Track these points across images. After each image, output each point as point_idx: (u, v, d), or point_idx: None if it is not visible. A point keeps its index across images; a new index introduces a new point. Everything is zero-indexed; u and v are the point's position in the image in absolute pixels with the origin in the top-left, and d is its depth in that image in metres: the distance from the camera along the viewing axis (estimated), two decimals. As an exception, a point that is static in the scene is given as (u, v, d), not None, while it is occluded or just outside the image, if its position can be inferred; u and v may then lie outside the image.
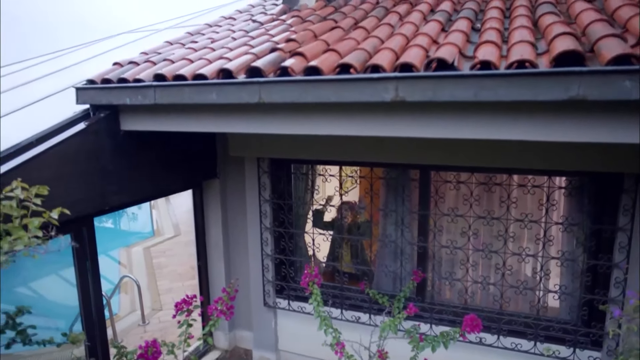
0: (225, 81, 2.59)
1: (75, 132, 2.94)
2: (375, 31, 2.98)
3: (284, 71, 2.52)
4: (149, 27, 7.02)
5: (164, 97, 2.82)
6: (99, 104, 3.12)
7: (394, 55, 2.45)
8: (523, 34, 2.38)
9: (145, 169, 3.52)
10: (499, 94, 2.01)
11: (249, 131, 2.75)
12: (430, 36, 2.67)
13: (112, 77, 3.13)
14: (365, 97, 2.25)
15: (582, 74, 1.88)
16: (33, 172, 2.66)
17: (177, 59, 3.20)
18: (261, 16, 4.37)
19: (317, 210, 4.37)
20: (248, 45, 3.20)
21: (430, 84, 2.12)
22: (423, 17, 3.27)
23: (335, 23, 3.44)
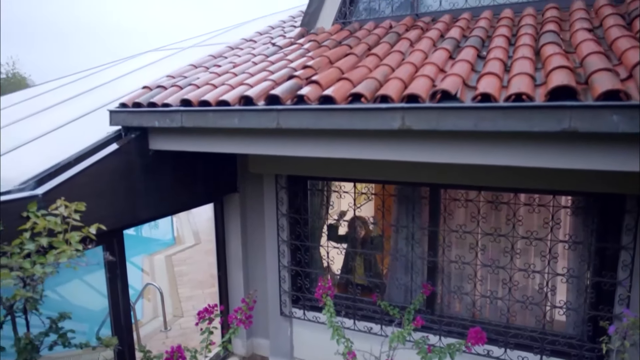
0: (246, 108, 2.82)
1: (109, 153, 3.21)
2: (387, 59, 3.18)
3: (300, 99, 2.73)
4: (174, 44, 7.36)
5: (190, 121, 3.06)
6: (130, 125, 3.39)
7: (402, 85, 2.64)
8: (523, 66, 2.54)
9: (171, 184, 3.77)
10: (497, 124, 2.18)
11: (268, 153, 2.97)
12: (437, 65, 2.85)
13: (142, 100, 3.40)
14: (374, 125, 2.45)
15: (573, 108, 2.04)
16: (72, 189, 2.92)
17: (201, 84, 3.45)
18: (280, 39, 4.61)
19: (331, 224, 4.55)
20: (267, 71, 3.43)
21: (434, 114, 2.30)
22: (432, 43, 3.46)
23: (350, 49, 3.66)
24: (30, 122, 4.48)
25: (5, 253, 2.34)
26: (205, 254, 8.92)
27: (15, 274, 2.19)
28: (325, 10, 4.64)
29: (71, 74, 6.85)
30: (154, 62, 6.26)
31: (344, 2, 4.53)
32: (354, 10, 4.56)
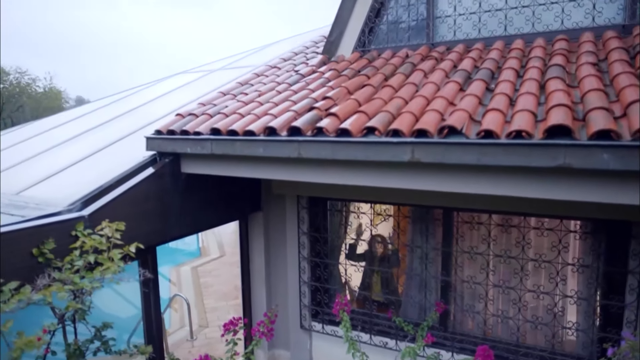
0: (270, 138, 3.10)
1: (146, 177, 3.53)
2: (401, 90, 3.42)
3: (319, 130, 2.99)
4: (203, 66, 7.77)
5: (219, 148, 3.36)
6: (164, 151, 3.71)
7: (414, 119, 2.86)
8: (527, 102, 2.74)
9: (201, 203, 4.07)
10: (498, 159, 2.39)
11: (289, 179, 3.24)
12: (447, 99, 3.07)
13: (176, 128, 3.72)
14: (386, 157, 2.68)
15: (567, 147, 2.24)
16: (113, 210, 3.24)
17: (230, 112, 3.75)
18: (303, 66, 4.90)
19: (349, 243, 4.78)
20: (290, 101, 3.71)
21: (440, 149, 2.52)
22: (445, 75, 3.67)
23: (367, 79, 3.91)
24: (74, 144, 4.87)
25: (59, 268, 2.65)
26: (230, 266, 9.23)
27: (68, 288, 2.50)
28: (346, 39, 4.91)
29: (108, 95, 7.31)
30: (184, 84, 6.65)
31: (363, 31, 4.79)
32: (372, 39, 4.82)
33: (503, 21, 4.20)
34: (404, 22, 4.67)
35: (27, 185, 3.91)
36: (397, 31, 4.72)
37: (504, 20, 4.20)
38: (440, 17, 4.48)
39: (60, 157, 4.49)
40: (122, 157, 4.00)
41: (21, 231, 2.74)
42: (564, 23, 3.98)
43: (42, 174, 4.11)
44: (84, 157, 4.35)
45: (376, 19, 4.75)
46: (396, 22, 4.70)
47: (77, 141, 4.97)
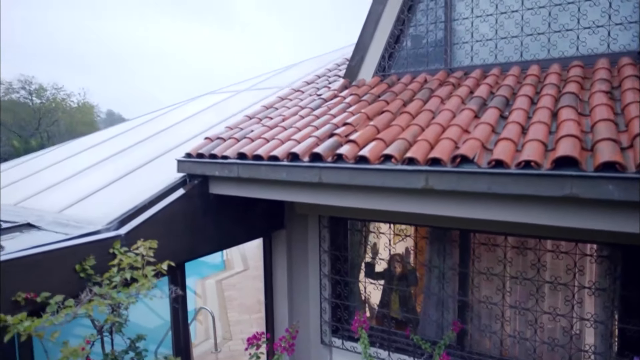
0: (293, 164, 3.30)
1: (177, 197, 3.77)
2: (418, 117, 3.58)
3: (339, 157, 3.18)
4: (230, 87, 8.10)
5: (245, 172, 3.58)
6: (194, 173, 3.95)
7: (429, 147, 3.02)
8: (538, 131, 2.86)
9: (227, 222, 4.29)
10: (508, 188, 2.52)
11: (311, 201, 3.43)
12: (461, 127, 3.21)
13: (205, 151, 3.97)
14: (402, 184, 2.84)
15: (573, 177, 2.35)
16: (147, 229, 3.49)
17: (255, 137, 3.97)
18: (325, 90, 5.12)
19: (368, 262, 4.92)
20: (312, 126, 3.90)
21: (453, 177, 2.67)
22: (461, 101, 3.81)
23: (386, 104, 4.08)
24: (110, 163, 5.19)
25: (98, 283, 2.90)
26: (253, 280, 9.45)
27: (107, 302, 2.73)
28: (367, 63, 5.10)
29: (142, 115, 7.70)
30: (213, 104, 6.96)
31: (383, 57, 4.98)
32: (392, 64, 5.00)
33: (519, 47, 4.33)
34: (422, 47, 4.84)
35: (68, 203, 4.21)
36: (416, 56, 4.89)
37: (519, 46, 4.32)
38: (458, 43, 4.63)
39: (99, 177, 4.80)
40: (155, 178, 4.27)
41: (66, 249, 3.00)
42: (579, 49, 4.08)
43: (82, 192, 4.41)
44: (120, 176, 4.64)
45: (396, 44, 4.93)
46: (415, 48, 4.87)
47: (113, 161, 5.28)
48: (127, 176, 4.63)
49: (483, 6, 4.47)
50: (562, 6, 4.12)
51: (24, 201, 4.62)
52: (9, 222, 3.87)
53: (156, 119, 7.06)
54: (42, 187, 4.88)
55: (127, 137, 6.31)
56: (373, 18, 4.95)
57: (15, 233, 3.63)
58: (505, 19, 4.38)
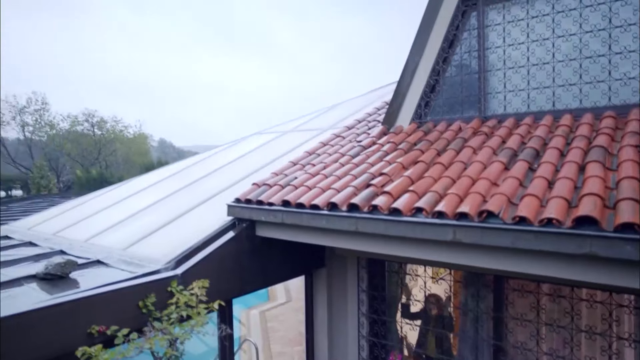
0: (332, 213, 3.60)
1: (227, 240, 4.16)
2: (450, 169, 3.81)
3: (374, 207, 3.45)
4: (276, 127, 8.60)
5: (288, 219, 3.92)
6: (242, 217, 4.34)
7: (458, 200, 3.24)
8: (563, 187, 3.02)
9: (272, 261, 4.63)
10: (530, 244, 2.70)
11: (348, 247, 3.70)
12: (490, 180, 3.42)
13: (252, 197, 4.35)
14: (431, 236, 3.07)
15: (592, 237, 2.51)
16: (200, 269, 3.87)
17: (298, 184, 4.32)
18: (364, 137, 5.44)
19: (404, 303, 5.08)
20: (351, 175, 4.20)
21: (478, 232, 2.88)
22: (492, 152, 4.01)
23: (421, 154, 4.33)
24: (166, 204, 5.70)
25: (158, 319, 3.28)
26: (295, 312, 9.66)
27: (167, 337, 3.09)
28: (404, 111, 5.39)
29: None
30: (261, 145, 7.44)
31: (419, 105, 5.26)
32: (428, 111, 5.26)
33: (551, 97, 4.49)
34: (457, 96, 5.08)
35: (131, 242, 4.69)
36: (451, 104, 5.14)
37: (552, 96, 4.49)
38: (491, 93, 4.85)
39: (157, 216, 5.29)
40: (207, 219, 4.70)
41: (132, 287, 3.42)
42: (612, 100, 4.19)
43: (143, 231, 4.90)
44: (176, 216, 5.11)
45: (432, 93, 5.21)
46: (450, 97, 5.12)
47: (170, 201, 5.79)
48: (182, 217, 5.09)
49: (515, 58, 4.69)
50: (592, 58, 4.27)
51: (93, 238, 5.17)
52: (82, 258, 4.39)
53: (209, 158, 7.61)
54: (108, 225, 5.43)
55: (181, 177, 6.86)
56: (410, 68, 5.27)
57: (88, 269, 4.13)
58: (537, 71, 4.57)
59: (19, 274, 3.97)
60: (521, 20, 4.65)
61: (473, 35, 4.96)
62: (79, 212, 6.49)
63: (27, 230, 6.19)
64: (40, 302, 3.04)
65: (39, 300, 3.15)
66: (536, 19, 4.56)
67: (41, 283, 3.76)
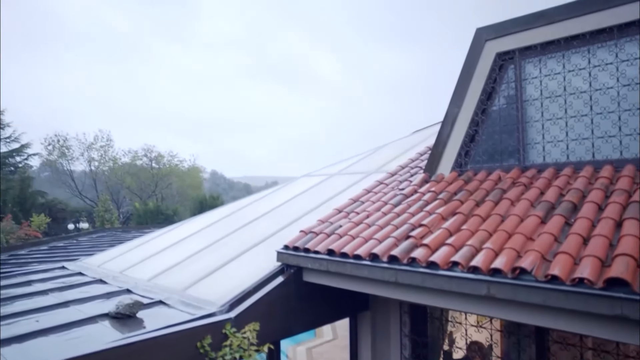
0: (374, 264, 3.85)
1: (276, 285, 4.49)
2: (487, 222, 3.97)
3: (413, 259, 3.68)
4: (323, 169, 8.99)
5: (332, 267, 4.20)
6: (290, 264, 4.66)
7: (493, 255, 3.40)
8: (597, 246, 3.12)
9: (318, 304, 4.89)
10: (561, 303, 2.83)
11: (389, 296, 3.92)
12: (525, 235, 3.56)
13: (299, 244, 4.68)
14: (466, 290, 3.25)
15: (623, 300, 2.62)
16: (251, 312, 4.20)
17: (343, 233, 4.61)
18: (406, 184, 5.68)
19: (446, 351, 5.16)
20: (392, 225, 4.45)
21: (511, 289, 3.03)
22: (530, 204, 4.13)
23: (460, 204, 4.52)
24: (219, 247, 6.15)
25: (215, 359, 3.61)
26: (341, 350, 9.77)
27: (222, 379, 3.41)
28: (445, 159, 5.60)
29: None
30: (309, 188, 7.83)
31: (459, 154, 5.46)
32: (468, 160, 5.44)
33: (590, 149, 4.57)
34: (497, 146, 5.24)
35: (189, 283, 5.12)
36: (491, 153, 5.30)
37: (591, 148, 4.57)
38: (530, 143, 4.98)
39: (212, 259, 5.72)
40: (258, 263, 5.06)
41: (191, 329, 3.79)
42: (653, 152, 4.22)
43: (199, 274, 5.32)
44: (229, 260, 5.51)
45: (471, 143, 5.40)
46: (490, 146, 5.29)
47: (222, 244, 6.23)
48: (235, 260, 5.48)
49: (553, 110, 4.83)
50: (631, 111, 4.35)
51: (155, 278, 5.66)
52: (146, 298, 4.85)
53: (260, 200, 8.08)
54: (169, 266, 5.92)
55: (234, 219, 7.33)
56: (450, 118, 5.51)
57: (152, 309, 4.56)
58: (575, 122, 4.68)
59: (94, 311, 4.48)
60: (558, 73, 4.81)
61: (511, 87, 5.16)
62: (142, 251, 7.07)
63: (97, 267, 6.81)
64: (115, 342, 3.47)
65: (112, 339, 3.58)
66: (573, 73, 4.71)
67: (113, 321, 4.22)
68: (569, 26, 4.66)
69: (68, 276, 6.53)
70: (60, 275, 6.61)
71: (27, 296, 5.40)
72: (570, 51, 4.76)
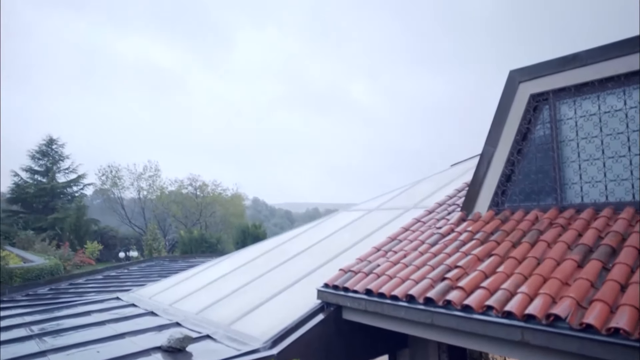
0: (410, 305, 3.99)
1: (317, 323, 4.68)
2: (522, 265, 4.03)
3: (448, 302, 3.79)
4: (362, 204, 9.18)
5: (370, 307, 4.35)
6: (330, 302, 4.85)
7: (528, 300, 3.47)
8: (635, 294, 3.13)
9: (358, 341, 5.03)
10: (595, 352, 2.87)
11: (425, 337, 4.03)
12: (561, 280, 3.60)
13: (339, 283, 4.87)
14: (501, 335, 3.33)
15: (657, 351, 2.64)
16: (292, 349, 4.40)
17: (380, 273, 4.77)
18: (443, 222, 5.78)
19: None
20: (429, 265, 4.57)
21: (545, 336, 3.10)
22: (567, 247, 4.15)
23: (496, 245, 4.59)
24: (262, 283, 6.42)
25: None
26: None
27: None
28: (482, 198, 5.68)
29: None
30: (348, 223, 8.03)
31: (496, 193, 5.53)
32: (505, 199, 5.50)
33: (630, 190, 4.55)
34: (533, 185, 5.28)
35: (234, 318, 5.39)
36: (528, 193, 5.34)
37: (631, 188, 4.55)
38: (567, 183, 5.01)
39: (254, 294, 5.99)
40: (298, 300, 5.29)
41: (237, 366, 4.03)
42: (696, 194, 4.18)
43: (243, 309, 5.59)
44: (271, 296, 5.76)
45: (507, 182, 5.47)
46: (527, 186, 5.33)
47: (265, 280, 6.51)
48: (277, 296, 5.73)
49: (589, 151, 4.85)
50: (672, 152, 4.33)
51: (202, 311, 5.98)
52: (194, 332, 5.15)
53: (299, 236, 8.35)
54: (215, 300, 6.24)
55: (276, 254, 7.62)
56: (486, 158, 5.62)
57: (200, 342, 4.85)
58: (613, 163, 4.69)
59: (147, 344, 4.82)
60: (593, 114, 4.86)
61: (546, 127, 5.23)
62: (190, 284, 7.46)
63: (149, 299, 7.23)
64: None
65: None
66: (609, 114, 4.75)
67: (165, 355, 4.54)
68: (603, 68, 4.73)
69: (122, 307, 6.98)
70: (116, 306, 7.07)
71: (87, 327, 5.85)
72: (605, 92, 4.81)
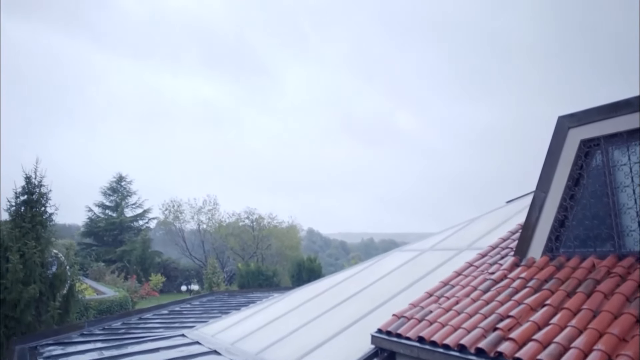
0: (461, 355, 4.07)
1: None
2: (577, 317, 4.02)
3: (500, 354, 3.85)
4: (416, 245, 9.27)
5: (423, 354, 4.47)
6: (383, 347, 5.00)
7: (582, 356, 3.48)
8: (692, 353, 3.11)
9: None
10: (652, 415, 2.85)
11: (479, 389, 4.07)
12: (617, 336, 3.58)
13: (392, 329, 5.01)
14: (554, 391, 3.36)
15: None
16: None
17: (432, 320, 4.87)
18: (496, 268, 5.79)
19: None
20: (481, 314, 4.63)
21: (599, 395, 3.10)
22: (625, 299, 4.09)
23: (550, 294, 4.57)
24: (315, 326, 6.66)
25: None
26: None
27: None
28: (535, 243, 5.66)
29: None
30: (401, 265, 8.15)
31: (550, 238, 5.50)
32: (559, 245, 5.46)
33: (693, 239, 4.43)
34: (589, 231, 5.22)
35: (292, 360, 5.65)
36: (583, 239, 5.27)
37: (694, 237, 4.43)
38: (625, 231, 4.92)
39: (310, 337, 6.24)
40: (352, 344, 5.48)
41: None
42: None
43: (299, 351, 5.84)
44: (326, 339, 5.99)
45: (561, 228, 5.44)
46: (582, 232, 5.28)
47: (321, 322, 6.74)
48: (331, 339, 5.94)
49: (646, 198, 4.78)
50: None
51: (261, 352, 6.28)
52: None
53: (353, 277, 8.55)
54: (273, 340, 6.54)
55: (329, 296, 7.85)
56: (537, 203, 5.63)
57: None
58: (673, 211, 4.59)
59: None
60: (649, 161, 4.80)
61: (599, 173, 5.19)
62: (250, 323, 7.83)
63: (212, 337, 7.66)
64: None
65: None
66: (665, 160, 4.69)
67: (228, 396, 4.85)
68: (656, 114, 4.71)
69: (187, 345, 7.45)
70: (181, 343, 7.55)
71: (156, 364, 6.33)
72: (660, 138, 4.76)
